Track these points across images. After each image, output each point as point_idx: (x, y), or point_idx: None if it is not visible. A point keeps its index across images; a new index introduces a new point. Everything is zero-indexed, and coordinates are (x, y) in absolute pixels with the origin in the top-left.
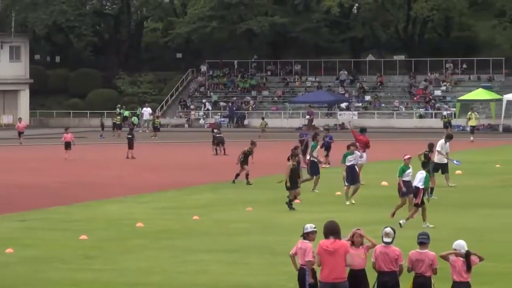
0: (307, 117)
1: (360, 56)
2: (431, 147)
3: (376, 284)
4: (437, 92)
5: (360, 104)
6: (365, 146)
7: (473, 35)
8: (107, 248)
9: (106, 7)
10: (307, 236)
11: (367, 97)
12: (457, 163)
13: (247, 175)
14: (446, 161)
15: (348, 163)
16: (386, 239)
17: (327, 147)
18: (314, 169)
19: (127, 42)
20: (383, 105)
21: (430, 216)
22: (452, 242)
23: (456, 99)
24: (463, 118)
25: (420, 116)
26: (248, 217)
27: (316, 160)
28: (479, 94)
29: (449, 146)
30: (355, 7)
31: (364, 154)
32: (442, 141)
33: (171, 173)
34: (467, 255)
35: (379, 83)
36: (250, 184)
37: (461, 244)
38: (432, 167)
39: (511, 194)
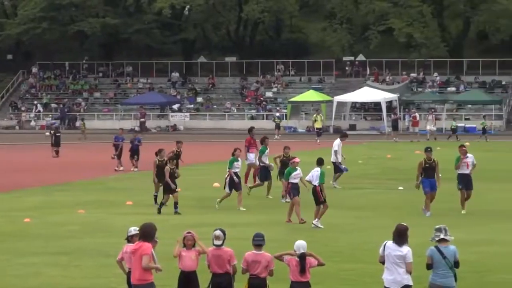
0: (141, 119)
1: (192, 57)
2: (287, 149)
3: (210, 285)
4: (268, 94)
5: (192, 106)
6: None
7: (304, 37)
8: None
9: None
10: (131, 239)
11: (199, 99)
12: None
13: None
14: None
15: (234, 170)
16: (216, 242)
17: (135, 150)
18: (265, 174)
19: None
20: (215, 106)
21: (271, 218)
22: (289, 243)
23: (287, 100)
24: (294, 120)
25: (252, 118)
26: (80, 219)
27: (266, 165)
28: (310, 95)
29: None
30: (186, 9)
31: (252, 155)
32: (338, 140)
33: (1, 175)
34: (301, 257)
35: (210, 85)
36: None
37: (298, 245)
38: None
39: (345, 195)
